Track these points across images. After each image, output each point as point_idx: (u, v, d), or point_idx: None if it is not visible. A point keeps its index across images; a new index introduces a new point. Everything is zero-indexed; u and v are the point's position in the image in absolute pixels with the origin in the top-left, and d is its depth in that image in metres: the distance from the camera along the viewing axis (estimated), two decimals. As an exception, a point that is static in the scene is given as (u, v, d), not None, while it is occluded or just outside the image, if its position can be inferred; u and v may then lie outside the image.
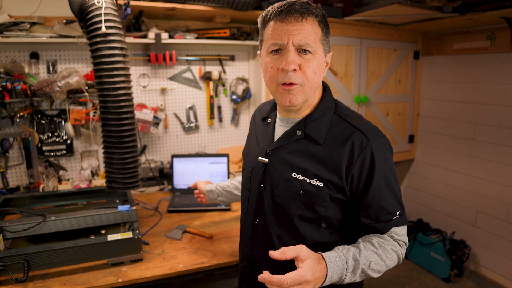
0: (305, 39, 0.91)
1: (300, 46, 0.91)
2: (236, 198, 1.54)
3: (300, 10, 0.91)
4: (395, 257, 0.98)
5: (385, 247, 0.96)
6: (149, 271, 1.42)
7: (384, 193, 0.96)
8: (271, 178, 1.03)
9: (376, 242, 0.96)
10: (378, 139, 0.96)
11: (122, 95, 1.70)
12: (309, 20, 0.92)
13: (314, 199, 0.96)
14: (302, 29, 0.91)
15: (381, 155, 0.95)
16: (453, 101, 2.81)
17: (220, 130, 2.69)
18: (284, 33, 0.91)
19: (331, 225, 1.00)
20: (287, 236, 1.02)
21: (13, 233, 1.43)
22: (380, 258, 0.94)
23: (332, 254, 0.89)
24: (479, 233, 2.69)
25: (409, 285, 2.71)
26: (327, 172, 0.95)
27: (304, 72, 0.92)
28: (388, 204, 0.96)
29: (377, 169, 0.94)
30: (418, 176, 3.20)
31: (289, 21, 0.91)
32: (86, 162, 2.31)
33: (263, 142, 1.10)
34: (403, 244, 1.01)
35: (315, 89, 0.98)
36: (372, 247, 0.94)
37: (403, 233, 1.01)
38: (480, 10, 2.13)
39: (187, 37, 2.31)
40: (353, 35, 2.56)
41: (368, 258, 0.92)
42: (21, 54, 2.08)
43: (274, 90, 0.97)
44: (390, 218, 0.97)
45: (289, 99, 0.95)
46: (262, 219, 1.06)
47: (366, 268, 0.90)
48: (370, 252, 0.93)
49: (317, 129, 0.99)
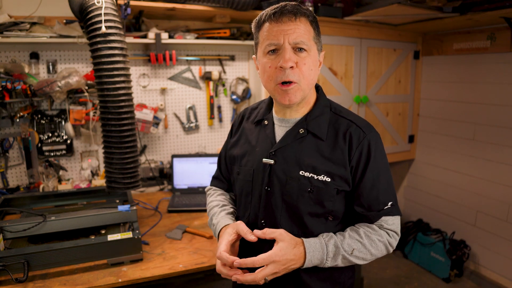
0: (300, 37, 0.95)
1: (296, 44, 0.95)
2: None
3: (293, 11, 0.95)
4: (382, 247, 1.02)
5: (371, 237, 1.00)
6: (149, 271, 1.42)
7: (377, 184, 1.01)
8: (278, 178, 1.04)
9: (363, 232, 1.01)
10: (373, 132, 1.03)
11: (122, 95, 1.70)
12: (302, 20, 0.96)
13: (323, 194, 1.00)
14: (296, 28, 0.95)
15: (375, 147, 1.01)
16: (453, 101, 2.81)
17: (220, 130, 2.69)
18: (280, 33, 0.95)
19: (337, 218, 1.04)
20: (297, 234, 1.02)
21: (13, 233, 1.43)
22: (364, 246, 0.99)
23: (314, 240, 0.97)
24: (479, 233, 2.69)
25: (409, 285, 2.70)
26: (333, 166, 1.00)
27: (300, 69, 0.96)
28: (380, 194, 1.01)
29: (372, 160, 1.00)
30: (418, 176, 3.20)
31: (284, 21, 0.95)
32: (86, 162, 2.31)
33: (263, 144, 1.09)
34: (393, 234, 1.04)
35: (311, 86, 1.02)
36: (357, 236, 1.00)
37: (394, 222, 1.04)
38: (480, 10, 2.13)
39: (187, 37, 2.31)
40: (353, 35, 2.56)
41: (351, 246, 0.98)
42: (21, 54, 2.08)
43: (273, 89, 1.00)
44: (382, 207, 1.01)
45: (288, 98, 0.98)
46: (269, 219, 1.06)
47: (348, 255, 0.97)
48: (354, 240, 0.99)
49: (319, 126, 1.03)
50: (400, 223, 1.08)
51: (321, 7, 2.35)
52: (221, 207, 1.18)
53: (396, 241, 1.05)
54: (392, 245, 1.04)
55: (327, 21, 2.40)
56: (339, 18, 2.43)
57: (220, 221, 1.11)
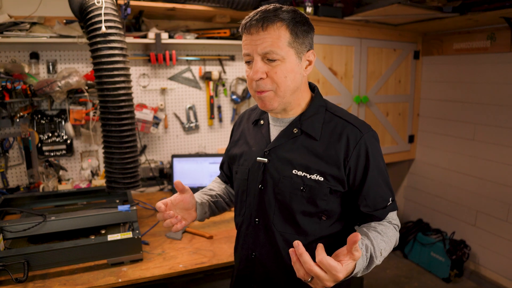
0: (268, 47, 0.93)
1: (265, 55, 0.94)
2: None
3: (262, 19, 0.93)
4: (394, 241, 1.04)
5: (387, 233, 1.01)
6: (149, 271, 1.42)
7: (379, 182, 1.02)
8: (272, 177, 1.05)
9: (380, 229, 1.01)
10: (370, 132, 1.02)
11: (122, 95, 1.70)
12: (271, 27, 0.93)
13: (315, 193, 1.00)
14: (264, 38, 0.93)
15: (373, 146, 1.01)
16: (453, 101, 2.81)
17: (220, 130, 2.69)
18: (250, 44, 0.95)
19: (331, 218, 1.04)
20: (290, 233, 1.03)
21: (13, 233, 1.43)
22: (387, 244, 0.99)
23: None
24: (479, 233, 2.69)
25: (409, 285, 2.70)
26: (326, 166, 0.99)
27: (272, 78, 0.96)
28: (383, 192, 1.03)
29: (372, 160, 1.00)
30: (418, 176, 3.20)
31: (252, 32, 0.95)
32: (86, 162, 2.31)
33: (258, 144, 1.11)
34: (397, 227, 1.08)
35: (292, 91, 0.99)
36: (380, 236, 0.99)
37: (395, 217, 1.08)
38: (480, 10, 2.13)
39: (187, 37, 2.31)
40: (353, 35, 2.56)
41: (379, 247, 0.97)
42: (21, 54, 2.08)
43: (253, 96, 1.03)
44: (386, 204, 1.03)
45: (263, 105, 1.00)
46: (263, 218, 1.07)
47: (378, 260, 0.95)
48: (379, 241, 0.98)
49: (313, 126, 1.03)
50: (400, 223, 1.10)
51: (321, 7, 2.35)
52: (206, 189, 1.28)
53: (399, 234, 1.08)
54: (397, 238, 1.06)
55: (327, 21, 2.40)
56: (339, 18, 2.43)
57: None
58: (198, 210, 1.14)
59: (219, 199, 1.26)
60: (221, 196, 1.28)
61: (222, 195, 1.29)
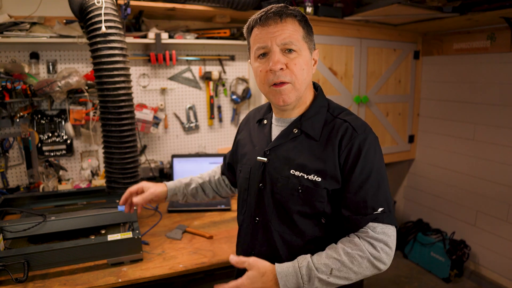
0: (287, 38, 0.95)
1: (284, 46, 0.96)
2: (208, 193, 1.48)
3: (278, 13, 0.97)
4: (366, 264, 0.92)
5: (350, 253, 0.92)
6: (149, 271, 1.42)
7: (366, 186, 0.95)
8: (270, 177, 1.06)
9: (341, 248, 0.94)
10: (367, 133, 0.99)
11: (122, 95, 1.70)
12: (288, 21, 0.97)
13: (312, 194, 0.99)
14: (283, 30, 0.96)
15: (366, 148, 0.97)
16: (453, 101, 2.81)
17: (220, 130, 2.69)
18: (267, 36, 0.97)
19: (331, 221, 1.03)
20: (288, 233, 1.04)
21: (13, 233, 1.43)
22: (343, 265, 0.91)
23: (287, 265, 0.94)
24: (479, 233, 2.69)
25: (409, 285, 2.71)
26: (324, 165, 0.99)
27: (291, 70, 0.97)
28: (369, 197, 0.95)
29: (361, 161, 0.95)
30: (418, 176, 3.20)
31: (270, 24, 0.97)
32: (86, 162, 2.31)
33: (260, 143, 1.13)
34: (382, 246, 0.93)
35: (306, 85, 1.02)
36: (335, 254, 0.93)
37: (384, 232, 0.94)
38: (480, 10, 2.13)
39: (187, 37, 2.31)
40: (353, 35, 2.56)
41: (329, 266, 0.91)
42: (21, 54, 2.08)
43: (267, 92, 1.02)
44: (370, 212, 0.94)
45: (282, 99, 0.99)
46: (262, 217, 1.08)
47: (325, 277, 0.90)
48: (331, 259, 0.92)
49: (313, 126, 1.03)
50: (400, 223, 1.04)
51: (321, 7, 2.35)
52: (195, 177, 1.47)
53: (386, 255, 0.93)
54: (381, 259, 0.93)
55: (327, 21, 2.40)
56: (339, 18, 2.43)
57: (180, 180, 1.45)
58: (168, 194, 1.40)
59: (198, 185, 1.43)
60: (203, 184, 1.44)
61: (206, 183, 1.45)
